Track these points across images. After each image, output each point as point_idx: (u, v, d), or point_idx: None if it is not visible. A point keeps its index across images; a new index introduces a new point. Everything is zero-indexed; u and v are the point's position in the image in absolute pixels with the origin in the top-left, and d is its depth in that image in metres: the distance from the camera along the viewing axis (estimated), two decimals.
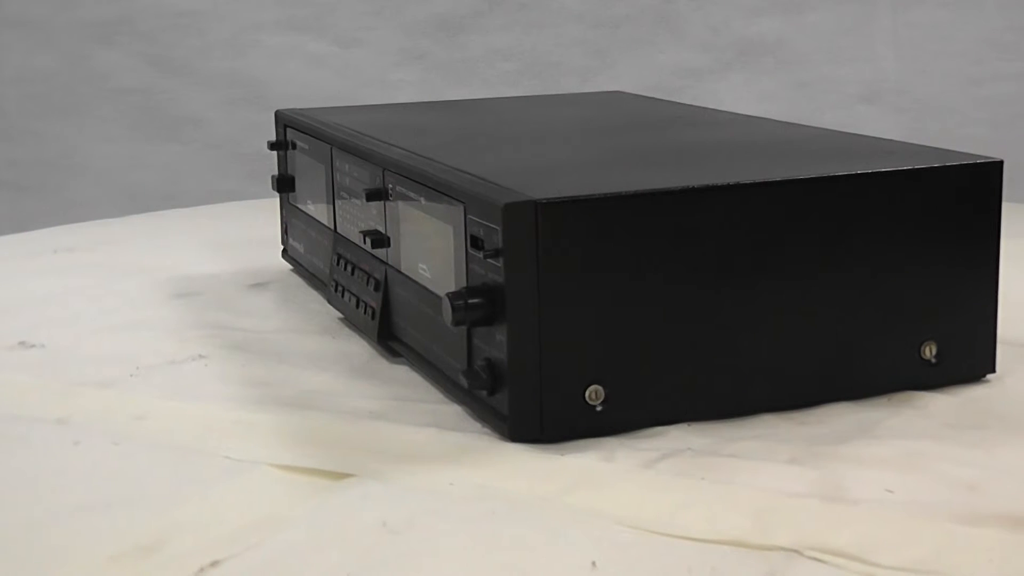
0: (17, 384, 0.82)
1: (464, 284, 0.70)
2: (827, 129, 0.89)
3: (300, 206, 1.02)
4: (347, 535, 0.59)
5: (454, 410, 0.74)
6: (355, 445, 0.69)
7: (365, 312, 0.85)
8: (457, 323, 0.68)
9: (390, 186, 0.81)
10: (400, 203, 0.80)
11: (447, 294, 0.68)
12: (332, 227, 0.94)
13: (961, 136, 1.92)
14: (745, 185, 0.69)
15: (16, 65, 2.05)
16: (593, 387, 0.68)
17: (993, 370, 0.76)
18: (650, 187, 0.68)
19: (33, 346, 0.90)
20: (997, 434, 0.68)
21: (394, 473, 0.65)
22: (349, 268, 0.89)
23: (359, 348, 0.86)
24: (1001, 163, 0.74)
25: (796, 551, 0.55)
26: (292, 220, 1.04)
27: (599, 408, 0.68)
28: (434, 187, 0.74)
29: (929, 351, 0.74)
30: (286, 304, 0.98)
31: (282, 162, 1.05)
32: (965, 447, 0.66)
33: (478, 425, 0.71)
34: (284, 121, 1.04)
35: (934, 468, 0.63)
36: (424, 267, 0.76)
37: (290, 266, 1.07)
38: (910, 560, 0.54)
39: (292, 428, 0.72)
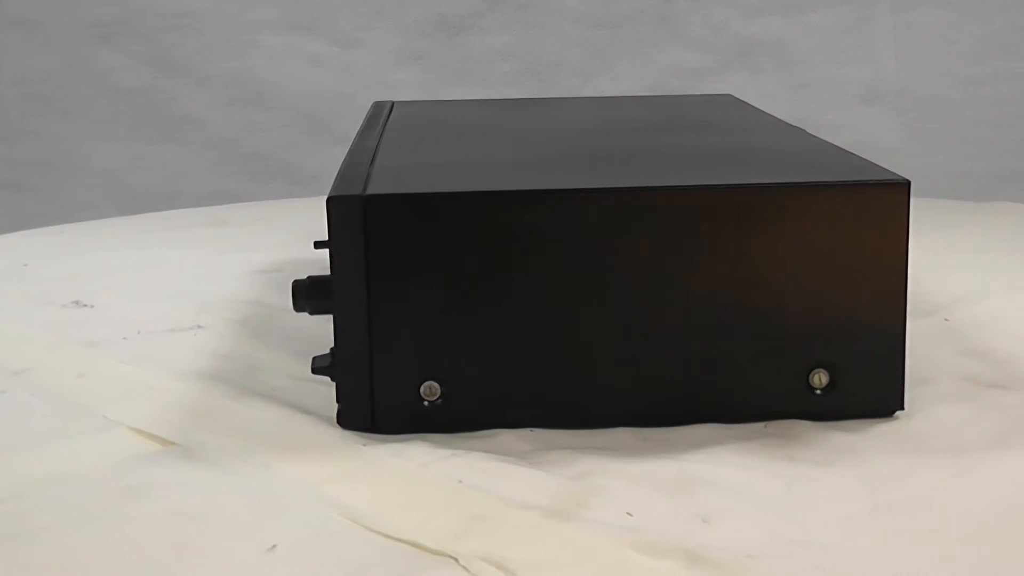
0: (26, 337, 0.88)
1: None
2: (816, 137, 0.85)
3: None
4: (93, 494, 0.62)
5: None
6: (214, 417, 0.72)
7: None
8: (298, 310, 0.69)
9: None
10: None
11: (294, 281, 0.70)
12: None
13: (961, 136, 1.92)
14: (596, 190, 0.67)
15: (16, 65, 2.05)
16: (428, 383, 0.68)
17: (901, 406, 0.69)
18: (490, 188, 0.68)
19: (84, 306, 0.95)
20: (827, 472, 0.63)
21: (207, 445, 0.67)
22: None
23: None
24: (908, 184, 0.67)
25: (455, 558, 0.55)
26: None
27: (430, 404, 0.68)
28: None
29: (818, 379, 0.68)
30: None
31: None
32: (770, 479, 0.62)
33: None
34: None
35: (700, 497, 0.61)
36: None
37: None
38: None
39: (185, 397, 0.75)
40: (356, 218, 0.66)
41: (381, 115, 1.00)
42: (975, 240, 1.13)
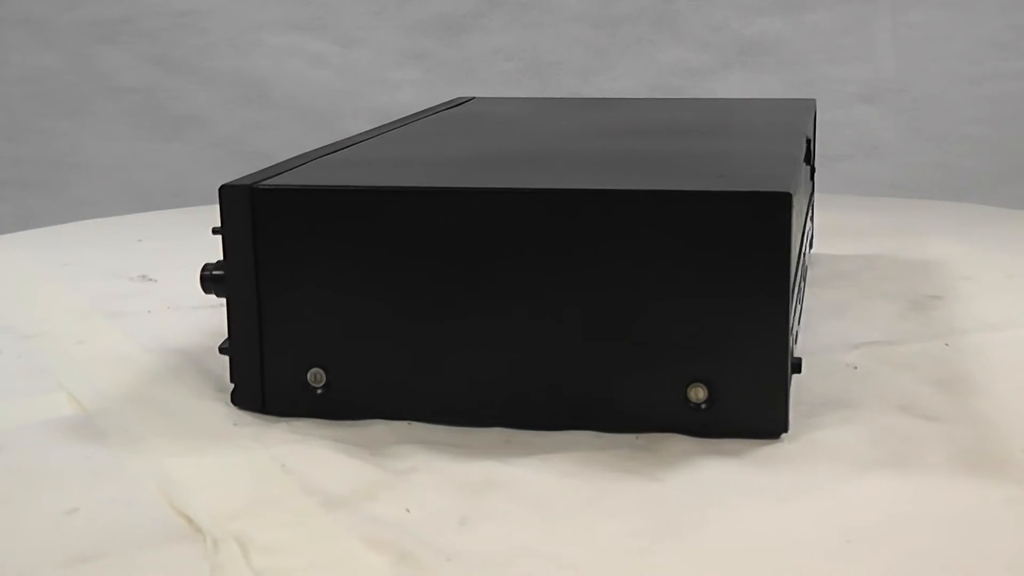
0: (68, 304, 0.93)
1: None
2: (796, 147, 0.82)
3: None
4: None
5: None
6: (141, 390, 0.75)
7: None
8: (206, 292, 0.72)
9: None
10: None
11: (204, 264, 0.72)
12: None
13: (961, 136, 1.93)
14: (475, 190, 0.67)
15: (20, 64, 2.06)
16: (315, 370, 0.69)
17: (786, 428, 0.66)
18: (377, 184, 0.69)
19: (149, 280, 1.01)
20: (651, 488, 0.61)
21: (109, 414, 0.71)
22: None
23: None
24: (788, 195, 0.64)
25: (205, 535, 0.56)
26: None
27: (318, 390, 0.70)
28: None
29: (696, 394, 0.66)
30: None
31: None
32: (580, 490, 0.61)
33: None
34: None
35: (487, 500, 0.60)
36: None
37: None
38: (292, 567, 0.55)
39: (140, 370, 0.78)
40: (245, 207, 0.68)
41: (436, 109, 1.01)
42: None
